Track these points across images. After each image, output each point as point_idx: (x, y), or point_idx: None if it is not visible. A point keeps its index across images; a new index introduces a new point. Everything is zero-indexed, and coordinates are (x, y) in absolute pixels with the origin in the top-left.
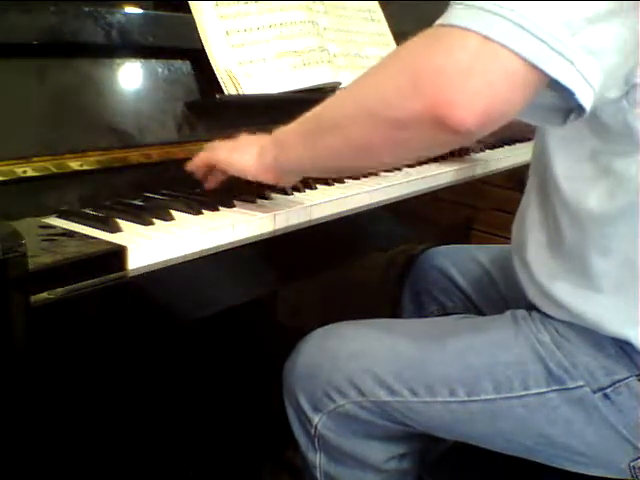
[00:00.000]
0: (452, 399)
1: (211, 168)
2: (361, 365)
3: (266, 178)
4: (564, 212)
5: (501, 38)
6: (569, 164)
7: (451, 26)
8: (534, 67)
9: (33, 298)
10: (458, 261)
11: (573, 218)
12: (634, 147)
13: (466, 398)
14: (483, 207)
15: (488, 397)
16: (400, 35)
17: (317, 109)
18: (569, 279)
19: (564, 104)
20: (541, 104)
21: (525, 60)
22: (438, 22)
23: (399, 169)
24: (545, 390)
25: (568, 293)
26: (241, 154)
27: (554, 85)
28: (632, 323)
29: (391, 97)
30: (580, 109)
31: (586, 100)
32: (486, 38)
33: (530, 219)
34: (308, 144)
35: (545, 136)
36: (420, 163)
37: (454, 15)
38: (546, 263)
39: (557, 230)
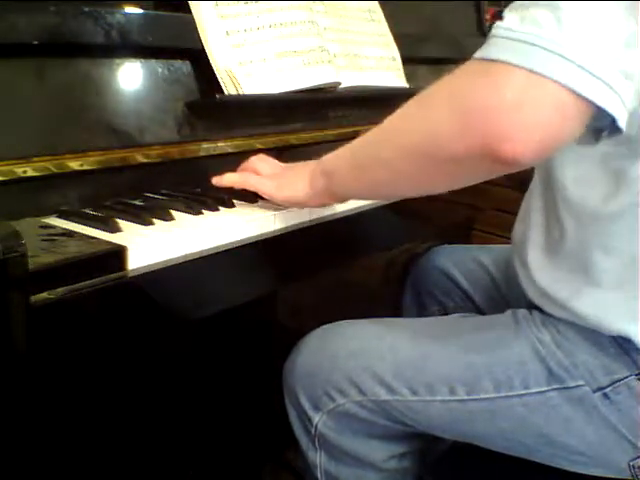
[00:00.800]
0: (452, 398)
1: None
2: (361, 364)
3: (317, 204)
4: (569, 213)
5: (545, 71)
6: (579, 167)
7: (493, 61)
8: (581, 97)
9: (33, 298)
10: (459, 261)
11: (578, 218)
12: None
13: (466, 397)
14: (484, 207)
15: (488, 396)
16: (400, 35)
17: (366, 141)
18: (570, 279)
19: (597, 123)
20: None
21: (572, 91)
22: (479, 54)
23: None
24: (545, 389)
25: (568, 293)
26: (290, 186)
27: (597, 111)
28: (632, 319)
29: (443, 137)
30: (617, 130)
31: (623, 122)
32: (531, 72)
33: (532, 220)
34: (360, 178)
35: None
36: None
37: (495, 48)
38: (546, 264)
39: (560, 231)
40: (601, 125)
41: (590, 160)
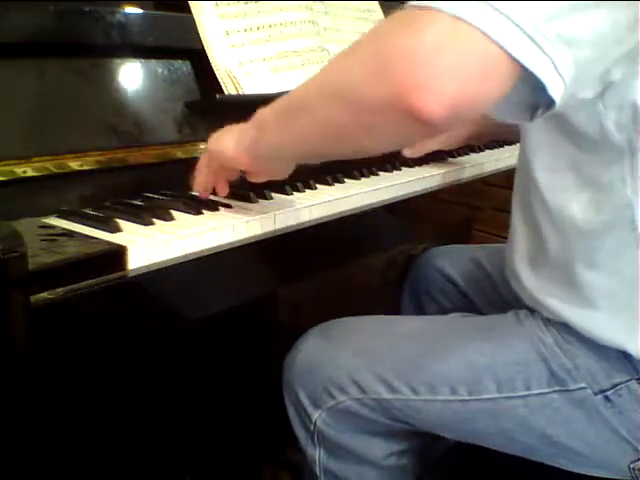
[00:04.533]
0: (453, 398)
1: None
2: (362, 362)
3: (242, 161)
4: (548, 223)
5: (472, 19)
6: (550, 174)
7: (421, 8)
8: (507, 54)
9: (33, 298)
10: (457, 262)
11: (558, 230)
12: (615, 156)
13: (467, 397)
14: (483, 207)
15: (490, 396)
16: None
17: (293, 90)
18: (558, 293)
19: (532, 97)
20: (507, 96)
21: (497, 44)
22: (410, 3)
23: (399, 169)
24: (547, 391)
25: (560, 304)
26: (224, 140)
27: (524, 74)
28: (629, 336)
29: (360, 80)
30: (550, 102)
31: (556, 92)
32: (456, 18)
33: (516, 229)
34: (282, 125)
35: (526, 145)
36: (419, 163)
37: None
38: (534, 274)
39: (542, 241)
40: (535, 99)
41: (561, 167)
